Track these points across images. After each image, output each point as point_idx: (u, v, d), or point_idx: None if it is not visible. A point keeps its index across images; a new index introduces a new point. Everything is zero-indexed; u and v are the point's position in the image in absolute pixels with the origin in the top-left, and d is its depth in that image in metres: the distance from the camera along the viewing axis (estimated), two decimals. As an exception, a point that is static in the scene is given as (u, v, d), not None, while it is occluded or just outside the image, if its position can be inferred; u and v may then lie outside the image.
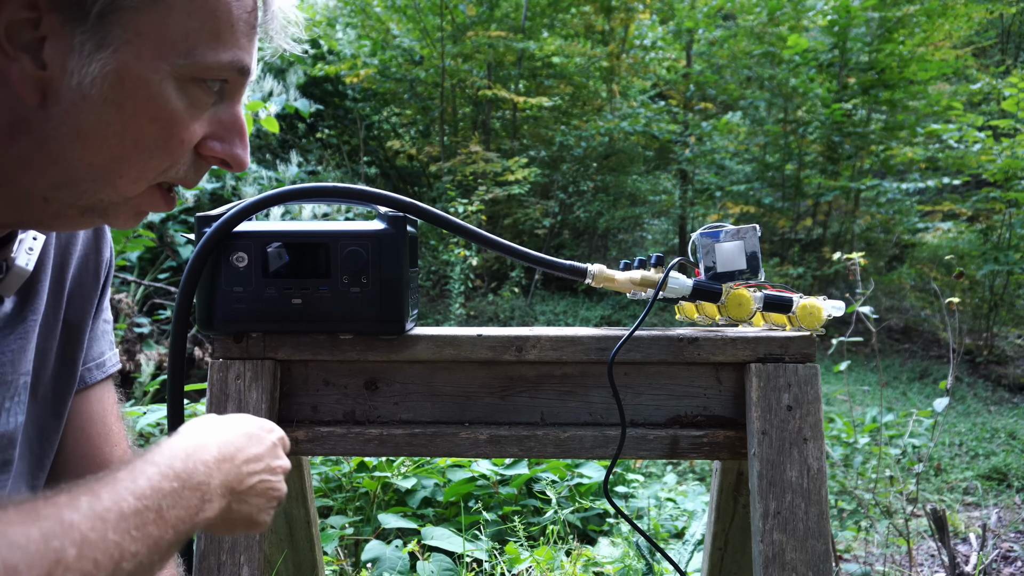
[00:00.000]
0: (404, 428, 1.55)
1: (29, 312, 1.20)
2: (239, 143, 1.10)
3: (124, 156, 1.00)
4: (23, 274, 1.16)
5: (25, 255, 1.16)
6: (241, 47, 1.03)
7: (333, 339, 1.53)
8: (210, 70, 1.01)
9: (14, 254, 1.14)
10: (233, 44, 1.02)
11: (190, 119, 1.03)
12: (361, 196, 1.49)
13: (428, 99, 16.02)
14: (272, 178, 10.06)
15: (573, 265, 1.58)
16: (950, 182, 12.95)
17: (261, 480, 1.12)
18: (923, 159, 13.87)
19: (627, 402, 1.54)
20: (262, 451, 1.14)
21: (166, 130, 1.01)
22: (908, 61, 13.35)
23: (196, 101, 1.03)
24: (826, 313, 1.54)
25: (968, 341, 12.14)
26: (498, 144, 15.59)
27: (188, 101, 1.01)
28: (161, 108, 0.99)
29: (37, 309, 1.21)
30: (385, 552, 3.19)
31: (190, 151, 1.07)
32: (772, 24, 14.57)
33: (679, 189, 16.35)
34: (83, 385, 1.37)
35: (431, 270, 13.42)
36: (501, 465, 4.04)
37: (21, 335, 1.19)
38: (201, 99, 1.03)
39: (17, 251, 1.15)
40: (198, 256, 1.43)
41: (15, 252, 1.14)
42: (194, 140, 1.05)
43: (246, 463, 1.10)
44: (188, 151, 1.06)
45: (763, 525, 1.44)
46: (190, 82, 1.00)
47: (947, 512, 4.56)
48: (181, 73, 0.98)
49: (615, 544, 3.59)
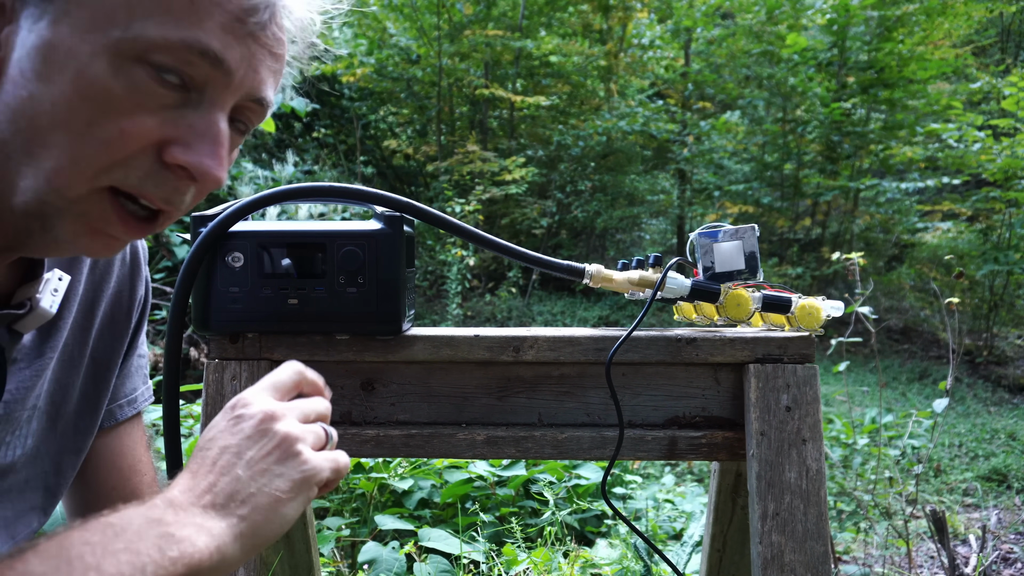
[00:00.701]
0: (401, 429, 1.55)
1: (47, 348, 1.19)
2: (208, 152, 0.96)
3: (56, 141, 0.90)
4: (46, 316, 1.13)
5: (50, 296, 1.13)
6: (206, 30, 0.91)
7: (329, 340, 1.53)
8: (155, 48, 0.88)
9: (39, 294, 1.12)
10: (192, 23, 0.89)
11: (133, 107, 0.90)
12: (357, 196, 1.49)
13: (425, 98, 16.04)
14: (268, 177, 10.06)
15: (571, 265, 1.58)
16: (950, 182, 12.98)
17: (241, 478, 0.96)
18: (922, 159, 13.90)
19: (625, 403, 1.54)
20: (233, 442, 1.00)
21: (99, 113, 0.89)
22: (907, 60, 13.37)
23: (142, 87, 0.90)
24: (825, 313, 1.54)
25: (968, 341, 12.15)
26: (495, 144, 15.61)
27: (129, 84, 0.89)
28: (91, 85, 0.88)
29: (55, 345, 1.20)
30: (382, 554, 3.19)
31: (147, 154, 0.94)
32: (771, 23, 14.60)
33: (677, 189, 16.38)
34: (114, 422, 1.37)
35: (428, 270, 13.43)
36: (498, 466, 4.04)
37: (36, 371, 1.17)
38: (150, 87, 0.90)
39: (43, 291, 1.12)
40: (194, 256, 1.43)
41: (40, 292, 1.12)
42: (144, 137, 0.92)
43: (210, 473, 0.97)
44: (139, 150, 0.93)
45: (762, 526, 1.44)
46: (132, 62, 0.89)
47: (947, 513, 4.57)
48: (120, 49, 0.88)
49: (613, 546, 3.59)
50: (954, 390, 10.32)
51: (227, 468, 0.96)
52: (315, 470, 1.00)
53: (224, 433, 1.01)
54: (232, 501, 0.93)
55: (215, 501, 0.93)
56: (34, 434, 1.20)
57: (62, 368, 1.23)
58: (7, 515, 1.17)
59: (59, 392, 1.23)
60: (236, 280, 1.46)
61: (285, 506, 0.96)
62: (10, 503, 1.18)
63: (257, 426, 1.01)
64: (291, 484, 0.97)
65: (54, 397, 1.22)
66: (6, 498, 1.17)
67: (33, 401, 1.18)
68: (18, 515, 1.19)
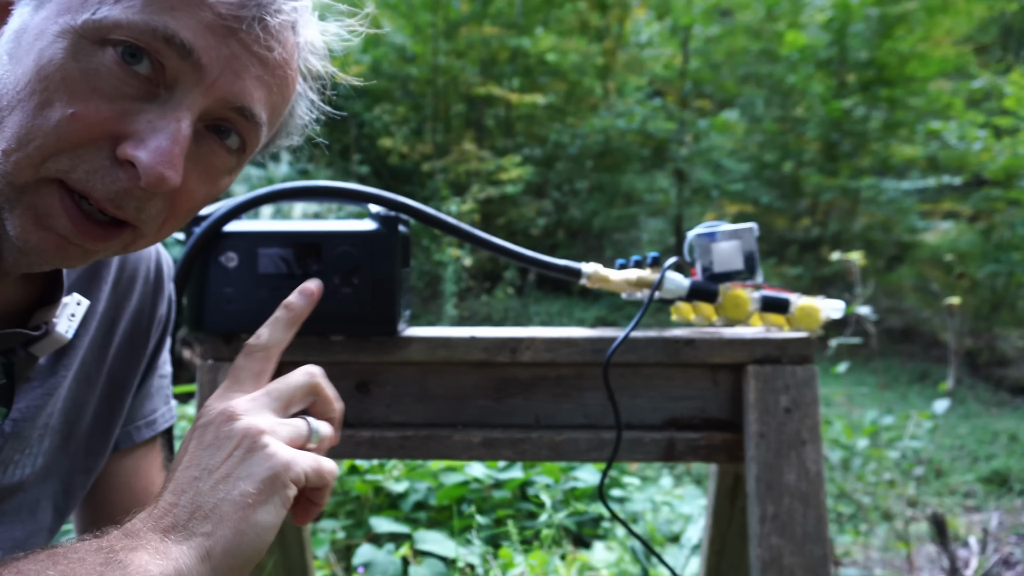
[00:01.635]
0: (396, 431, 1.54)
1: (61, 367, 1.16)
2: (159, 150, 0.86)
3: (11, 122, 0.85)
4: (61, 341, 1.08)
5: (67, 321, 1.09)
6: (178, 19, 0.85)
7: (324, 340, 1.52)
8: (117, 28, 0.84)
9: (56, 318, 1.08)
10: (163, 10, 0.85)
11: (89, 91, 0.85)
12: (352, 195, 1.49)
13: (420, 97, 16.06)
14: (262, 176, 10.05)
15: (568, 265, 1.58)
16: (950, 181, 13.00)
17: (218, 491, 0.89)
18: (923, 157, 13.91)
19: (623, 404, 1.54)
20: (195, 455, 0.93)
21: (53, 94, 0.84)
22: (908, 58, 13.39)
23: (102, 72, 0.85)
24: (824, 314, 1.54)
25: (969, 342, 12.16)
26: (492, 142, 15.63)
27: (88, 67, 0.84)
28: (49, 64, 0.84)
29: (70, 364, 1.17)
30: (377, 556, 3.19)
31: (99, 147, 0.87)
32: (770, 21, 14.61)
33: (675, 188, 16.38)
34: (131, 444, 1.34)
35: (424, 270, 13.42)
36: (495, 468, 4.04)
37: (48, 389, 1.14)
38: (111, 72, 0.85)
39: (60, 315, 1.09)
40: (187, 256, 1.43)
41: (58, 316, 1.08)
42: (97, 125, 0.85)
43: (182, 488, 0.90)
44: (89, 139, 0.86)
45: (760, 529, 1.44)
46: (96, 45, 0.84)
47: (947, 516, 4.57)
48: (85, 29, 0.84)
49: (610, 548, 3.60)
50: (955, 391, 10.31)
51: (188, 484, 0.89)
52: (284, 464, 0.90)
53: (186, 450, 0.94)
54: (193, 519, 0.86)
55: (175, 523, 0.86)
56: (45, 453, 1.17)
57: (78, 386, 1.20)
58: (17, 535, 1.14)
59: (74, 411, 1.20)
60: (230, 280, 1.46)
61: (256, 512, 0.87)
62: (20, 523, 1.15)
63: (216, 430, 0.93)
64: (258, 484, 0.88)
65: (68, 416, 1.19)
66: (16, 517, 1.14)
67: (44, 420, 1.14)
68: (29, 535, 1.17)
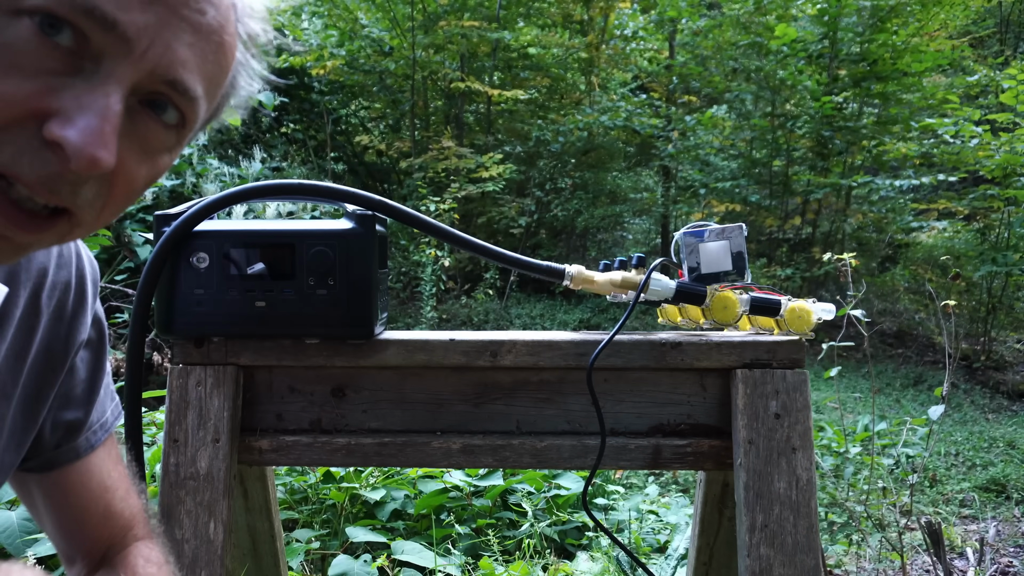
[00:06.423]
0: (373, 437, 1.55)
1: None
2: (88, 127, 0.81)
3: None
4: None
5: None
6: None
7: (298, 344, 1.53)
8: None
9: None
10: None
11: (7, 67, 0.79)
12: (328, 194, 1.50)
13: (398, 92, 16.04)
14: (235, 175, 10.03)
15: (550, 266, 1.58)
16: (946, 179, 13.02)
17: None
18: (917, 155, 13.92)
19: (607, 410, 1.55)
20: None
21: None
22: (902, 52, 13.41)
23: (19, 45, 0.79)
24: (816, 316, 1.55)
25: (965, 346, 12.21)
26: (471, 139, 15.61)
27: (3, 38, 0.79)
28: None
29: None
30: (353, 567, 3.19)
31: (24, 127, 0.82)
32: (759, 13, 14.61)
33: (661, 186, 16.40)
34: (92, 449, 1.33)
35: (401, 271, 13.41)
36: (475, 476, 4.04)
37: None
38: (30, 45, 0.80)
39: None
40: (157, 256, 1.43)
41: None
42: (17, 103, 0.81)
43: None
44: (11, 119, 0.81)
45: (749, 539, 1.45)
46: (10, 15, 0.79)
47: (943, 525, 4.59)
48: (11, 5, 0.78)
49: (594, 559, 3.60)
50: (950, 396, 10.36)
51: None
52: None
53: None
54: None
55: None
56: None
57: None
58: None
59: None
60: (201, 282, 1.46)
61: None
62: None
63: None
64: None
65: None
66: None
67: None
68: None
